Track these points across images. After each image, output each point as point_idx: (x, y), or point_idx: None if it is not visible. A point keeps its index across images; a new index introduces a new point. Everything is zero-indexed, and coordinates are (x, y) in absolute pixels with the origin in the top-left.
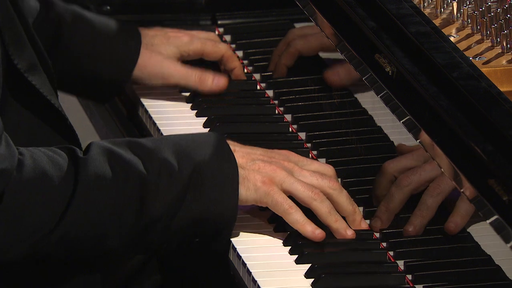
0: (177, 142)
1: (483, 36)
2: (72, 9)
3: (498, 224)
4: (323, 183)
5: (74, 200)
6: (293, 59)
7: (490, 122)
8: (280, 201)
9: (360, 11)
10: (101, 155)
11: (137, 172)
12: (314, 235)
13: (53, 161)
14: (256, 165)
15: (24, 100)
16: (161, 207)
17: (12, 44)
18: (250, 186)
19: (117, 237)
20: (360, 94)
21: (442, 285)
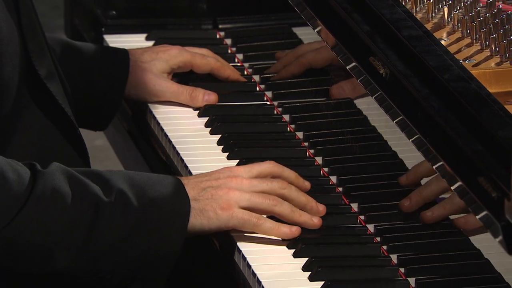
0: (134, 177)
1: (472, 40)
2: (59, 39)
3: (487, 219)
4: (273, 186)
5: (25, 208)
6: (302, 69)
7: (479, 122)
8: (247, 218)
9: (355, 16)
10: (60, 173)
11: (93, 195)
12: (292, 233)
13: (13, 167)
14: (208, 193)
15: (41, 105)
16: (112, 234)
17: (35, 51)
18: (210, 215)
19: (64, 256)
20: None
21: (434, 277)
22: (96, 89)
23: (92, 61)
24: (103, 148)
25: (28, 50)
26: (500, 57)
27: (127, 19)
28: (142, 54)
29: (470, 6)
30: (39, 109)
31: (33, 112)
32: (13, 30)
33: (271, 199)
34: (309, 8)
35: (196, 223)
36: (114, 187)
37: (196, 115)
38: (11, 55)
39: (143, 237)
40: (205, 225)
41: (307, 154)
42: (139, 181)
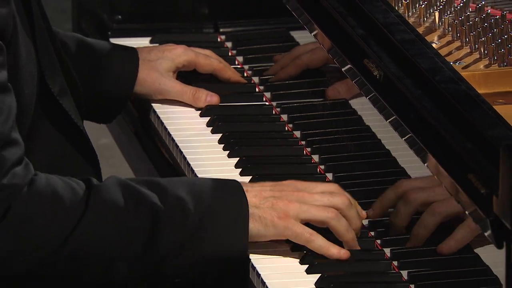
0: (192, 182)
1: (462, 43)
2: (73, 36)
3: (476, 215)
4: (334, 200)
5: (83, 220)
6: (299, 70)
7: (469, 122)
8: (300, 232)
9: (350, 20)
10: (116, 185)
11: (150, 204)
12: (340, 255)
13: (67, 184)
14: (269, 202)
15: (54, 121)
16: (171, 242)
17: (47, 69)
18: (268, 223)
19: (124, 265)
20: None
21: (425, 270)
22: (106, 84)
23: (104, 58)
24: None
25: (42, 69)
26: (488, 59)
27: (132, 23)
28: (149, 52)
29: (460, 11)
30: (53, 124)
31: (47, 127)
32: (31, 52)
33: (330, 212)
34: (306, 12)
35: (254, 228)
36: (172, 194)
37: (198, 115)
38: (30, 77)
39: (202, 242)
40: (261, 232)
41: (304, 152)
42: (198, 187)
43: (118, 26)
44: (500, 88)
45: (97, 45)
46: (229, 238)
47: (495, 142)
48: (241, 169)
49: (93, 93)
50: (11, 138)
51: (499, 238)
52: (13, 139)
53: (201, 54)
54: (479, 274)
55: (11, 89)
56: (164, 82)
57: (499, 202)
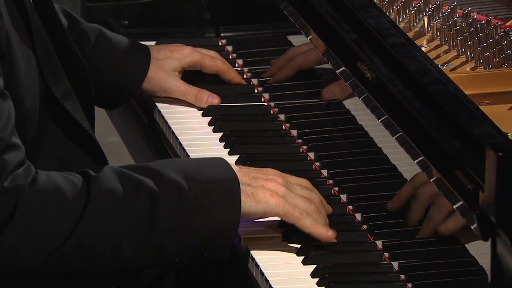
0: (185, 164)
1: (450, 47)
2: (94, 27)
3: (463, 209)
4: (312, 196)
5: (86, 211)
6: (293, 72)
7: (456, 121)
8: (291, 210)
9: (344, 25)
10: (112, 173)
11: (147, 189)
12: (327, 236)
13: (66, 178)
14: (259, 182)
15: (59, 124)
16: (170, 222)
17: (50, 75)
18: (260, 199)
19: (131, 249)
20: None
21: (415, 261)
22: (116, 76)
23: (119, 51)
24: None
25: (44, 75)
26: (474, 62)
27: (138, 28)
28: (158, 51)
29: (447, 16)
30: (58, 127)
31: (53, 130)
32: (31, 61)
33: (313, 205)
34: (302, 18)
35: (247, 203)
36: (166, 176)
37: (200, 115)
38: (30, 85)
39: (201, 218)
40: (253, 207)
41: (300, 150)
42: (190, 168)
43: (125, 31)
44: (486, 89)
45: (115, 39)
46: (223, 213)
47: (481, 141)
48: (241, 166)
49: (103, 81)
50: (12, 142)
51: (484, 231)
52: (13, 144)
53: (207, 55)
54: (466, 265)
55: (8, 96)
56: (169, 81)
57: (485, 197)
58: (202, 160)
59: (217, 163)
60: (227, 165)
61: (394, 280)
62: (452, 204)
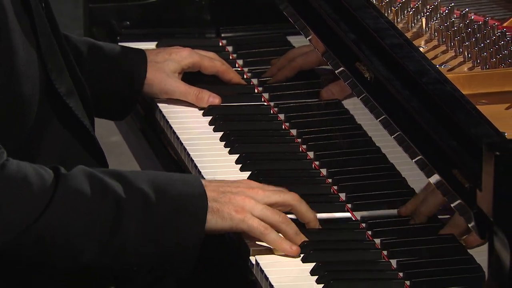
0: (155, 176)
1: (447, 47)
2: (84, 39)
3: (461, 207)
4: (287, 197)
5: (49, 207)
6: (294, 72)
7: (454, 121)
8: (256, 226)
9: (343, 26)
10: (82, 174)
11: (115, 194)
12: (291, 251)
13: (36, 171)
14: (226, 197)
15: (61, 120)
16: (133, 231)
17: (54, 70)
18: (225, 216)
19: (89, 251)
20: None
21: (413, 259)
22: (117, 84)
23: (115, 60)
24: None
25: (47, 70)
26: (472, 62)
27: (140, 29)
28: (156, 54)
29: (445, 17)
30: (60, 123)
31: (55, 126)
32: (32, 53)
33: (282, 216)
34: (301, 19)
35: (212, 220)
36: (135, 185)
37: (201, 115)
38: (30, 75)
39: (164, 232)
40: (219, 224)
41: (300, 149)
42: (160, 180)
43: (127, 32)
44: (483, 89)
45: (108, 47)
46: (188, 230)
47: (478, 140)
48: (241, 165)
49: (105, 92)
50: None
51: (482, 229)
52: None
53: (206, 56)
54: (464, 262)
55: None
56: (169, 82)
57: (482, 195)
58: (175, 175)
59: (189, 179)
60: (197, 181)
61: (393, 277)
62: (450, 203)
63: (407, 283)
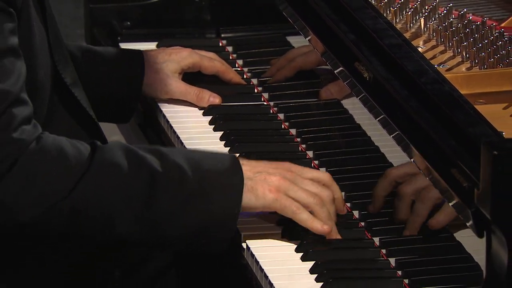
0: (192, 152)
1: (446, 47)
2: (80, 45)
3: (459, 206)
4: (321, 192)
5: (85, 178)
6: (293, 72)
7: (452, 120)
8: (288, 205)
9: (342, 26)
10: (119, 148)
11: (150, 167)
12: (323, 229)
13: (73, 144)
14: (262, 176)
15: (68, 108)
16: (168, 205)
17: (60, 61)
18: (259, 194)
19: (125, 224)
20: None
21: (411, 258)
22: (115, 87)
23: (110, 63)
24: None
25: (54, 60)
26: (470, 62)
27: (140, 29)
28: (156, 55)
29: (443, 17)
30: (67, 112)
31: (62, 115)
32: (44, 42)
33: (316, 198)
34: (301, 19)
35: (246, 198)
36: (171, 160)
37: (201, 114)
38: (43, 63)
39: (200, 205)
40: (252, 201)
41: (299, 149)
42: (196, 157)
43: (127, 32)
44: (481, 89)
45: (103, 50)
46: (223, 206)
47: (476, 139)
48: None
49: (104, 95)
50: (21, 97)
51: (480, 228)
52: (23, 99)
53: (205, 56)
54: (462, 261)
55: (21, 55)
56: (170, 83)
57: (480, 194)
58: (211, 152)
59: (224, 156)
60: (234, 158)
61: (391, 276)
62: (448, 201)
63: (405, 281)
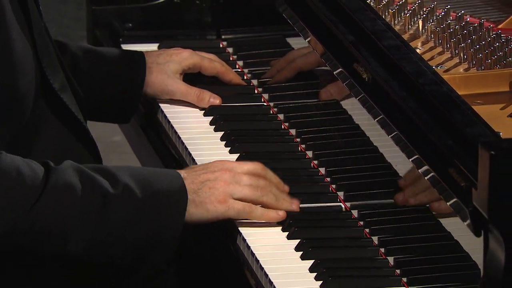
0: (138, 171)
1: (444, 49)
2: (82, 46)
3: (456, 205)
4: (259, 182)
5: (41, 198)
6: (293, 73)
7: (450, 120)
8: (241, 208)
9: (341, 28)
10: (71, 169)
11: (101, 188)
12: (279, 217)
13: (28, 164)
14: (206, 187)
15: (56, 114)
16: (119, 223)
17: (48, 66)
18: (209, 208)
19: (78, 242)
20: None
21: (410, 257)
22: (117, 87)
23: (112, 64)
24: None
25: (42, 66)
26: (467, 63)
27: (142, 31)
28: (157, 56)
29: (441, 19)
30: (55, 117)
31: (50, 120)
32: (28, 48)
33: (259, 190)
34: (300, 21)
35: (197, 213)
36: (120, 181)
37: (202, 115)
38: (26, 70)
39: (146, 225)
40: (204, 216)
41: (299, 149)
42: (143, 176)
43: (129, 33)
44: (479, 90)
45: (105, 51)
46: (168, 223)
47: (474, 139)
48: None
49: (106, 95)
50: None
51: (477, 227)
52: None
53: (206, 58)
54: (459, 260)
55: None
56: (171, 83)
57: (478, 194)
58: (156, 170)
59: (169, 173)
60: (176, 175)
61: (390, 274)
62: (446, 201)
63: (404, 280)
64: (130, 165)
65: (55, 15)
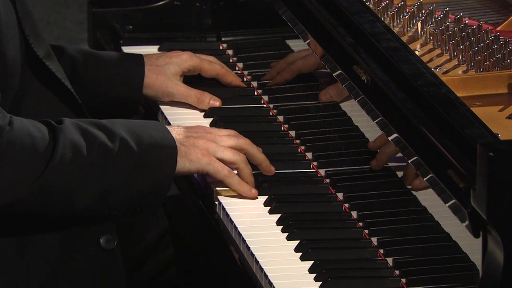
0: (130, 123)
1: (442, 51)
2: (81, 49)
3: (455, 206)
4: (240, 142)
5: (52, 159)
6: (293, 75)
7: (449, 122)
8: (221, 169)
9: (340, 30)
10: (73, 127)
11: (102, 144)
12: (250, 193)
13: (36, 126)
14: (191, 140)
15: (43, 82)
16: (118, 176)
17: (31, 35)
18: (192, 159)
19: (83, 199)
20: None
21: (409, 257)
22: (116, 90)
23: (112, 66)
24: None
25: (25, 34)
26: (466, 65)
27: (142, 33)
28: (157, 58)
29: (440, 21)
30: (42, 85)
31: (37, 88)
32: (12, 17)
33: (241, 156)
34: (300, 23)
35: (181, 163)
36: (117, 134)
37: (202, 116)
38: (12, 38)
39: (142, 175)
40: (187, 166)
41: (298, 150)
42: (136, 129)
43: (130, 36)
44: (477, 91)
45: (104, 54)
46: (161, 175)
47: (472, 141)
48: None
49: (105, 98)
50: None
51: (476, 228)
52: None
53: (206, 60)
54: (458, 261)
55: None
56: (171, 85)
57: (476, 195)
58: (144, 122)
59: (158, 126)
60: (165, 128)
61: (389, 275)
62: (445, 202)
63: (403, 280)
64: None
65: (57, 18)
